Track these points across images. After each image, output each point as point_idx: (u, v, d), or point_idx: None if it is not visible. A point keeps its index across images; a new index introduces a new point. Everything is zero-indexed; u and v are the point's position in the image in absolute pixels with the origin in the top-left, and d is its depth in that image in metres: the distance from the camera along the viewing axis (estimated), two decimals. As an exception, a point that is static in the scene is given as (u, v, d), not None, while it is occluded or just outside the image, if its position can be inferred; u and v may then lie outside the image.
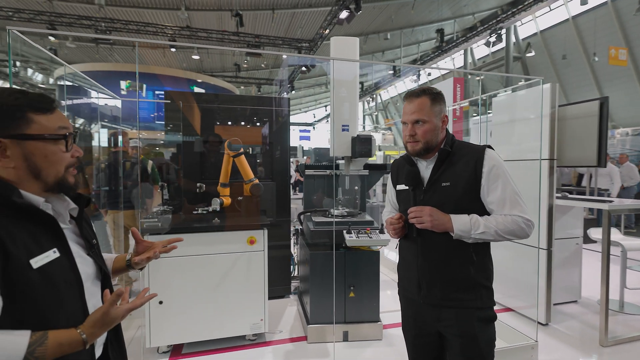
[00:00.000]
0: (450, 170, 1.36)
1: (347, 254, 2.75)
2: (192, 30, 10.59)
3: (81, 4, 10.45)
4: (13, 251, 0.73)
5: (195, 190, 2.99)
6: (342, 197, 3.03)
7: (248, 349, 2.65)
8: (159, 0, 10.71)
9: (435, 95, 1.39)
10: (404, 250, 1.53)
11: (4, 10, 9.26)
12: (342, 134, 2.90)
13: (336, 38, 2.93)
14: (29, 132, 0.79)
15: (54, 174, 0.84)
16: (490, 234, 1.28)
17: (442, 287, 1.36)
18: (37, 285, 0.75)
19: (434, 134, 1.37)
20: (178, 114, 3.34)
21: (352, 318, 2.77)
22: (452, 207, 1.33)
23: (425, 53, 15.24)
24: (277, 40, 11.71)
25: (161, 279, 2.44)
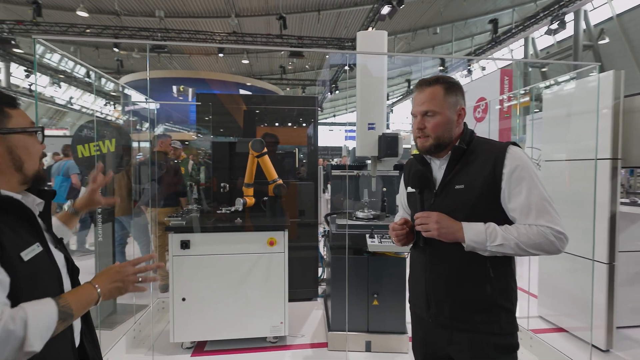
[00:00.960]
0: (466, 170, 1.18)
1: (371, 259, 2.60)
2: (238, 35, 11.01)
3: (144, 17, 11.40)
4: (6, 243, 0.74)
5: (231, 189, 3.06)
6: (367, 199, 2.88)
7: (268, 351, 2.62)
8: (212, 9, 11.31)
9: (451, 84, 1.22)
10: (413, 260, 1.37)
11: (78, 27, 10.38)
12: (368, 132, 2.75)
13: (363, 32, 2.80)
14: (10, 125, 0.83)
15: (32, 166, 0.88)
16: (510, 247, 1.08)
17: (453, 307, 1.18)
18: (26, 277, 0.77)
19: (446, 128, 1.20)
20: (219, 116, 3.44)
21: (375, 327, 2.61)
22: (466, 213, 1.15)
23: (480, 46, 14.25)
24: (320, 41, 11.74)
25: (184, 276, 2.50)
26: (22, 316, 0.71)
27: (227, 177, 3.31)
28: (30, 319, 0.72)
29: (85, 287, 0.89)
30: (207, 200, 3.27)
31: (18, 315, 0.71)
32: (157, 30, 10.62)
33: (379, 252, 2.59)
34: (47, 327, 0.75)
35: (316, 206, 3.65)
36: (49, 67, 14.71)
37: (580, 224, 2.64)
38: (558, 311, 2.97)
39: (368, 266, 2.60)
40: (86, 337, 1.00)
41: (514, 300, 1.19)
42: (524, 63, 14.56)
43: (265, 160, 2.84)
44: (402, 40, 15.58)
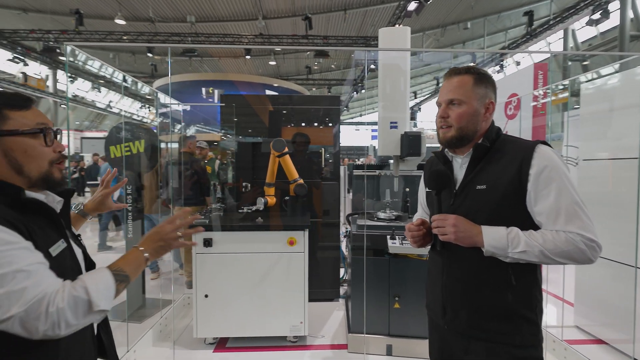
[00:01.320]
0: (489, 170, 1.11)
1: (392, 261, 2.54)
2: (265, 37, 11.17)
3: (176, 22, 11.85)
4: (37, 240, 0.79)
5: (256, 188, 3.10)
6: (389, 199, 2.82)
7: (288, 350, 2.63)
8: (240, 12, 11.56)
9: (482, 75, 1.15)
10: (430, 262, 1.31)
11: (116, 34, 10.95)
12: (390, 131, 2.69)
13: (385, 29, 2.74)
14: (5, 128, 0.81)
15: (36, 169, 0.85)
16: (534, 254, 1.00)
17: (470, 314, 1.12)
18: (55, 270, 0.80)
19: (471, 119, 1.13)
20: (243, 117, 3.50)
21: (396, 331, 2.55)
22: (486, 215, 1.08)
23: (514, 40, 13.62)
24: (346, 40, 11.68)
25: (206, 273, 2.56)
26: (80, 284, 0.79)
27: (250, 176, 3.36)
28: (89, 285, 0.79)
29: (132, 251, 0.96)
30: (231, 200, 3.34)
31: (77, 284, 0.79)
32: (187, 34, 11.00)
33: (400, 254, 2.52)
34: (106, 288, 0.83)
35: (339, 206, 3.63)
36: (90, 73, 15.63)
37: (621, 227, 2.44)
38: (597, 321, 2.77)
39: (389, 268, 2.55)
40: (102, 329, 1.04)
41: (538, 311, 1.10)
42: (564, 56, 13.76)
43: (286, 160, 2.85)
44: (431, 36, 15.20)
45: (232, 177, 3.57)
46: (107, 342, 1.05)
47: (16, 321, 0.69)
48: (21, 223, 0.77)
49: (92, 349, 0.96)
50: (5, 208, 0.78)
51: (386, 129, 2.69)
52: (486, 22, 14.11)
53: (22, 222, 0.78)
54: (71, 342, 0.84)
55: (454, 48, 16.84)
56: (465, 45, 16.86)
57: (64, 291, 0.76)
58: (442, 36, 14.94)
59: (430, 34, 14.99)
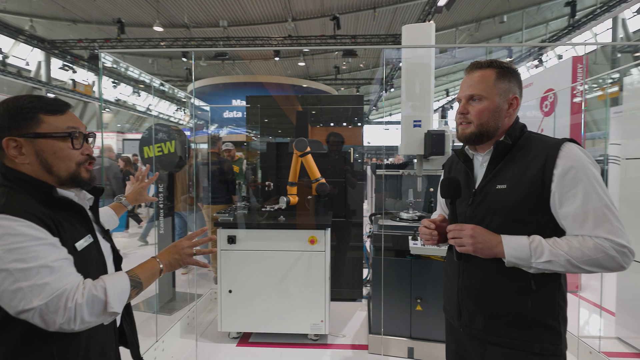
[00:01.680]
0: (510, 169, 1.06)
1: (414, 262, 2.49)
2: (293, 39, 11.29)
3: (210, 27, 12.28)
4: (63, 236, 0.86)
5: (278, 188, 3.16)
6: (412, 199, 2.76)
7: (309, 348, 2.65)
8: (270, 15, 11.77)
9: (505, 69, 1.09)
10: (447, 263, 1.28)
11: (154, 41, 11.53)
12: (414, 130, 2.64)
13: (408, 26, 2.69)
14: (38, 131, 0.87)
15: (64, 169, 0.91)
16: (559, 263, 0.94)
17: (486, 318, 1.08)
18: (79, 264, 0.87)
19: (492, 116, 1.08)
20: (267, 117, 3.58)
21: (418, 334, 2.50)
22: (505, 217, 1.03)
23: (555, 33, 12.85)
24: (374, 38, 11.55)
25: (230, 269, 2.63)
26: (101, 284, 0.85)
27: (275, 176, 3.42)
28: (109, 286, 0.85)
29: (150, 261, 1.02)
30: (255, 199, 3.41)
31: (98, 284, 0.85)
32: (219, 39, 11.37)
33: (423, 255, 2.47)
34: (122, 292, 0.88)
35: (362, 206, 3.60)
36: (130, 78, 16.56)
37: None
38: (641, 333, 2.56)
39: (411, 269, 2.50)
40: (125, 320, 1.11)
41: (561, 319, 1.04)
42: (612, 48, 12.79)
43: (309, 160, 2.87)
44: (465, 32, 14.69)
45: (257, 176, 3.66)
46: (129, 332, 1.11)
47: (36, 313, 0.75)
48: (50, 219, 0.84)
49: (113, 338, 1.02)
50: (37, 204, 0.85)
51: (409, 128, 2.64)
52: (524, 14, 13.41)
53: (52, 218, 0.85)
54: (93, 331, 0.90)
55: (489, 43, 16.14)
56: (501, 40, 16.13)
57: (85, 288, 0.82)
58: (476, 31, 14.37)
59: (464, 29, 14.48)
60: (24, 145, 0.87)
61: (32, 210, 0.81)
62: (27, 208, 0.81)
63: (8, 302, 0.75)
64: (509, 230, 1.02)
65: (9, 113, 0.86)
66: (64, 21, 12.06)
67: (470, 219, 1.11)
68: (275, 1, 10.76)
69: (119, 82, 16.07)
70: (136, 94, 17.27)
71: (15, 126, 0.86)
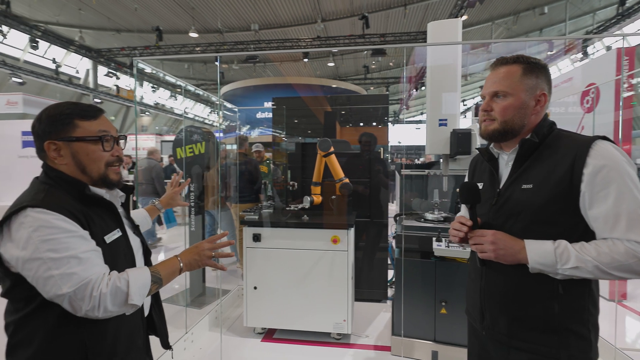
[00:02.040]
0: (537, 168, 1.01)
1: (439, 265, 2.44)
2: (322, 40, 11.35)
3: (241, 31, 12.64)
4: (93, 229, 0.94)
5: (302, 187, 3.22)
6: (438, 199, 2.70)
7: (331, 346, 2.67)
8: (299, 16, 11.91)
9: (532, 64, 1.04)
10: (471, 263, 1.25)
11: (189, 46, 12.05)
12: (439, 129, 2.58)
13: (433, 23, 2.63)
14: (74, 135, 0.97)
15: (96, 170, 1.00)
16: (587, 270, 0.90)
17: (510, 322, 1.04)
18: (108, 256, 0.96)
19: (518, 113, 1.03)
20: (293, 118, 3.66)
21: (443, 338, 2.44)
22: (530, 217, 0.99)
23: (602, 23, 11.98)
24: (404, 36, 11.34)
25: (255, 266, 2.71)
26: (125, 277, 0.91)
27: (300, 176, 3.48)
28: (131, 280, 0.91)
29: (171, 259, 1.07)
30: (280, 198, 3.49)
31: (122, 277, 0.91)
32: (250, 42, 11.67)
33: (448, 257, 2.41)
34: (143, 286, 0.94)
35: (387, 206, 3.57)
36: (168, 83, 17.40)
37: None
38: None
39: (435, 271, 2.45)
40: (154, 310, 1.18)
41: (592, 327, 0.99)
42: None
43: (332, 160, 2.89)
44: (501, 26, 14.06)
45: (287, 176, 3.73)
46: (158, 321, 1.18)
47: (66, 299, 0.84)
48: (81, 214, 0.92)
49: (141, 327, 1.09)
50: (71, 200, 0.94)
51: (435, 127, 2.59)
52: (568, 4, 12.61)
53: (83, 213, 0.93)
54: (120, 319, 0.97)
55: (528, 36, 15.34)
56: (542, 33, 15.29)
57: (110, 280, 0.88)
58: (514, 24, 13.72)
59: (501, 23, 13.87)
60: (62, 148, 0.97)
61: (67, 206, 0.90)
62: (62, 203, 0.90)
63: (42, 288, 0.84)
64: (534, 232, 0.98)
65: (50, 119, 0.96)
66: (109, 31, 12.90)
67: (494, 219, 1.08)
68: (305, 3, 10.88)
69: (157, 87, 16.94)
70: (173, 97, 18.12)
71: (54, 131, 0.96)
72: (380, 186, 3.46)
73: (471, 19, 13.01)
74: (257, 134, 10.65)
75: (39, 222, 0.84)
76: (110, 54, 13.29)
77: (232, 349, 2.64)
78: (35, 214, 0.85)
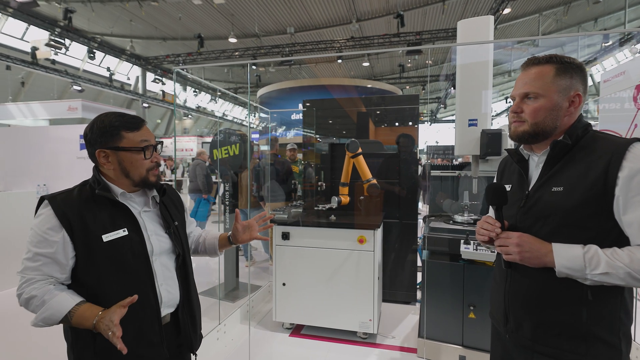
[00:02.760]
0: (569, 170, 0.98)
1: (467, 268, 2.38)
2: (356, 40, 11.33)
3: (278, 35, 12.97)
4: (91, 227, 1.04)
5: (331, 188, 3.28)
6: (468, 201, 2.64)
7: (357, 345, 2.70)
8: (334, 17, 11.99)
9: (566, 64, 1.01)
10: (496, 265, 1.23)
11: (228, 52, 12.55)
12: (469, 129, 2.53)
13: (463, 21, 2.58)
14: (121, 145, 1.09)
15: (138, 175, 1.12)
16: (618, 276, 0.87)
17: (535, 326, 1.02)
18: (107, 253, 1.05)
19: (549, 115, 1.00)
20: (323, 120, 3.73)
21: (471, 343, 2.38)
22: (559, 221, 0.96)
23: (668, 9, 10.86)
24: (440, 33, 11.01)
25: (284, 264, 2.81)
26: (46, 298, 0.99)
27: (329, 176, 3.54)
28: (47, 305, 0.98)
29: (93, 312, 0.99)
30: (309, 198, 3.57)
31: (45, 296, 0.99)
32: (285, 45, 11.92)
33: (477, 261, 2.35)
34: (50, 317, 0.99)
35: (417, 207, 3.53)
36: (209, 87, 18.23)
37: None
38: None
39: (464, 274, 2.40)
40: (183, 307, 1.20)
41: (622, 336, 0.95)
42: None
43: (360, 161, 2.92)
44: (550, 17, 13.19)
45: (313, 176, 3.81)
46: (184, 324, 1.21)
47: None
48: (78, 214, 1.03)
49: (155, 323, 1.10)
50: (80, 200, 1.07)
51: (464, 127, 2.54)
52: (627, -10, 11.57)
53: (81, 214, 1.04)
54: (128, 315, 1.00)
55: (580, 27, 14.27)
56: (597, 23, 14.15)
57: (37, 288, 1.00)
58: (564, 15, 12.82)
59: (549, 14, 13.02)
60: (110, 155, 1.10)
61: (68, 205, 1.05)
62: (67, 201, 1.06)
63: None
64: (563, 235, 0.96)
65: (100, 130, 1.09)
66: (156, 39, 13.79)
67: (521, 222, 1.05)
68: (340, 3, 10.94)
69: (199, 91, 17.81)
70: (213, 101, 18.95)
71: (104, 141, 1.09)
72: (411, 187, 3.43)
73: (515, 12, 12.35)
74: (293, 135, 10.86)
75: (40, 214, 1.05)
76: (157, 61, 14.18)
77: (262, 342, 2.75)
78: (43, 206, 1.06)
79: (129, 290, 1.05)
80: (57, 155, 5.13)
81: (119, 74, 16.43)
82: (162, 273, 1.16)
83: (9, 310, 3.27)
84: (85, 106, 8.69)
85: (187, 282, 1.24)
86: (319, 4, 10.96)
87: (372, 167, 3.01)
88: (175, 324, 1.20)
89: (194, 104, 19.10)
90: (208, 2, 10.34)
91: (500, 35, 13.77)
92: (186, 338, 1.22)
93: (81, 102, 8.71)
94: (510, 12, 11.46)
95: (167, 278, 1.17)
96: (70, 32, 11.09)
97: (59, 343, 1.15)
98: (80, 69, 15.20)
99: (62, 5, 10.38)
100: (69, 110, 8.70)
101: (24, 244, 1.06)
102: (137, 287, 1.07)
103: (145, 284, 1.10)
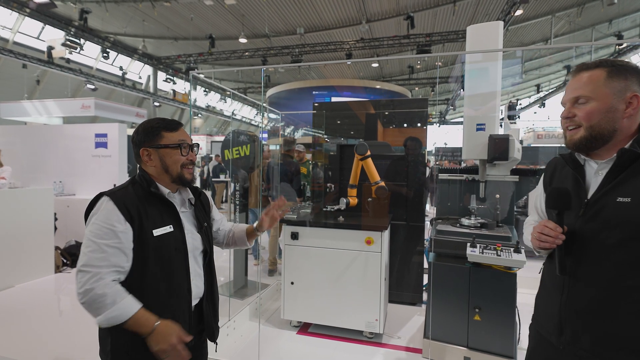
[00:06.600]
0: (637, 180, 0.93)
1: (473, 271, 2.42)
2: (366, 41, 11.35)
3: (287, 35, 13.06)
4: (144, 224, 1.14)
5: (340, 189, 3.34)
6: (476, 205, 2.67)
7: (363, 344, 2.75)
8: (344, 18, 12.04)
9: (618, 67, 0.97)
10: (546, 274, 1.16)
11: (238, 52, 12.67)
12: (477, 134, 2.56)
13: (472, 27, 2.61)
14: (161, 143, 1.22)
15: (174, 170, 1.23)
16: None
17: (596, 340, 0.97)
18: (154, 247, 1.15)
19: (605, 117, 0.96)
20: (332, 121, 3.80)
21: (476, 345, 2.41)
22: (627, 234, 0.92)
23: (685, 11, 10.66)
24: (451, 35, 10.97)
25: (293, 263, 2.87)
26: (116, 300, 1.03)
27: (338, 178, 3.59)
28: (116, 307, 1.03)
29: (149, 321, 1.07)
30: (317, 199, 3.62)
31: (116, 297, 1.04)
32: (295, 46, 12.00)
33: (484, 264, 2.38)
34: (115, 318, 1.03)
35: (424, 210, 3.56)
36: (219, 87, 18.42)
37: None
38: None
39: (469, 277, 2.43)
40: (207, 299, 1.32)
41: None
42: None
43: (368, 163, 2.97)
44: (563, 18, 13.04)
45: (322, 178, 3.87)
46: (208, 314, 1.31)
47: (78, 272, 1.07)
48: (136, 209, 1.13)
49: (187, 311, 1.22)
50: (136, 196, 1.16)
51: (472, 131, 2.57)
52: (642, -9, 11.40)
53: (139, 209, 1.14)
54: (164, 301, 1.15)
55: (594, 29, 14.07)
56: (612, 24, 13.94)
57: (106, 285, 1.03)
58: (578, 16, 12.67)
59: (562, 16, 12.87)
60: (152, 153, 1.22)
61: (128, 201, 1.14)
62: (126, 198, 1.15)
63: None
64: (631, 248, 0.92)
65: (145, 131, 1.22)
66: (168, 39, 13.98)
67: (582, 232, 1.00)
68: (349, 4, 10.97)
69: (209, 91, 18.01)
70: (222, 100, 19.14)
71: (147, 140, 1.22)
72: (418, 189, 3.47)
73: (528, 13, 12.24)
74: (300, 135, 10.94)
75: (101, 208, 1.11)
76: (169, 60, 14.38)
77: (270, 339, 2.82)
78: (105, 201, 1.12)
79: (167, 282, 1.17)
80: (72, 153, 5.28)
81: (131, 73, 16.71)
82: (194, 269, 1.27)
83: (26, 303, 3.39)
84: (97, 104, 8.89)
85: (211, 277, 1.36)
86: (329, 4, 11.01)
87: (380, 169, 3.06)
88: (198, 314, 1.31)
89: (204, 104, 19.32)
90: (219, 3, 10.48)
91: (512, 36, 13.67)
92: (208, 327, 1.32)
93: (94, 100, 8.91)
94: (522, 13, 11.38)
95: (196, 273, 1.28)
96: (84, 32, 11.32)
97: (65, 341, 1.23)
98: (94, 67, 15.50)
99: (78, 5, 10.61)
100: (82, 108, 8.91)
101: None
102: (175, 280, 1.19)
103: (182, 277, 1.22)
